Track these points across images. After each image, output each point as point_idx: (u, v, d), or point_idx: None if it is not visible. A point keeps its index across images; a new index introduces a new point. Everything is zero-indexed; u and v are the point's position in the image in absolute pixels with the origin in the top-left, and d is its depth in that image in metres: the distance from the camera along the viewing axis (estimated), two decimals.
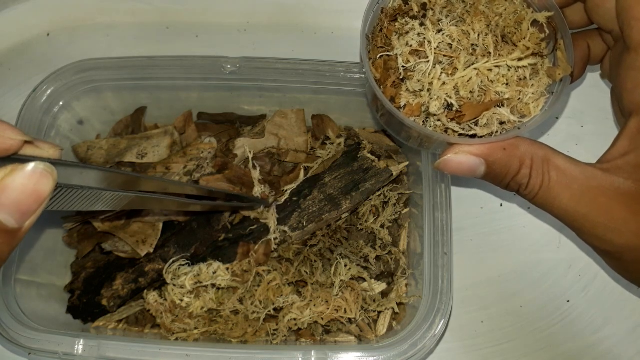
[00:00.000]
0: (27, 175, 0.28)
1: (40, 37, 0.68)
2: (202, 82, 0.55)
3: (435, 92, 0.38)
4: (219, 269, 0.52)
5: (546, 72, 0.39)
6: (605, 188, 0.38)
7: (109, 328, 0.53)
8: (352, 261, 0.52)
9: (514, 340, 0.54)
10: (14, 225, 0.28)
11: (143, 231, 0.53)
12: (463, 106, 0.38)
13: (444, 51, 0.38)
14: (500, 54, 0.38)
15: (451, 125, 0.39)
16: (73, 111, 0.56)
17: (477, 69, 0.37)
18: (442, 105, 0.38)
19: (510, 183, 0.40)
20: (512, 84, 0.38)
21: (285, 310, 0.50)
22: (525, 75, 0.39)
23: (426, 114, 0.39)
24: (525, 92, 0.38)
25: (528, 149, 0.39)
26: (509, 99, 0.38)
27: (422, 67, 0.38)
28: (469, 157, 0.39)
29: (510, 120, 0.38)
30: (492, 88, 0.38)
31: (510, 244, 0.58)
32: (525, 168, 0.38)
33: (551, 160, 0.38)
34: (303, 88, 0.55)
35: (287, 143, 0.58)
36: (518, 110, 0.39)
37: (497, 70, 0.38)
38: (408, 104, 0.39)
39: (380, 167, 0.54)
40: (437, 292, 0.45)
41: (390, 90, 0.39)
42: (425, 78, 0.38)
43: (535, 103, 0.39)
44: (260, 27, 0.68)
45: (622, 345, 0.54)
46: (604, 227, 0.38)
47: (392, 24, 0.40)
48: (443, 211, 0.48)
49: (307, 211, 0.52)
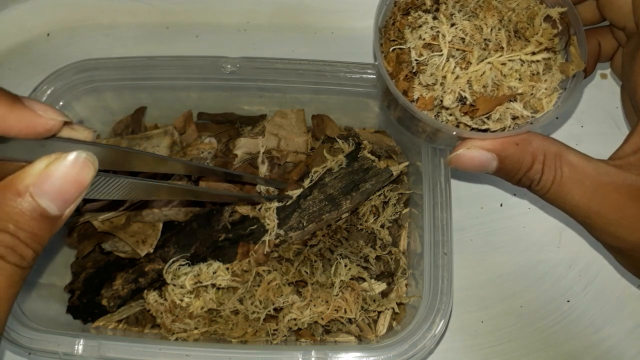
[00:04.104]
0: (70, 163, 0.28)
1: (40, 37, 0.68)
2: (202, 82, 0.55)
3: (448, 86, 0.37)
4: (219, 269, 0.52)
5: (559, 68, 0.39)
6: (618, 184, 0.37)
7: (109, 328, 0.53)
8: (352, 261, 0.52)
9: (514, 340, 0.54)
10: (56, 212, 0.29)
11: (143, 231, 0.53)
12: (476, 100, 0.37)
13: (456, 45, 0.37)
14: (513, 49, 0.37)
15: (464, 119, 0.38)
16: (73, 111, 0.56)
17: (490, 63, 0.37)
18: (455, 98, 0.37)
19: (522, 178, 0.39)
20: (525, 79, 0.38)
21: (285, 310, 0.50)
22: (538, 70, 0.38)
23: (439, 107, 0.39)
24: (538, 87, 0.38)
25: (541, 144, 0.38)
26: (522, 94, 0.38)
27: (435, 60, 0.38)
28: (481, 152, 0.38)
29: (523, 115, 0.38)
30: (505, 83, 0.37)
31: (510, 244, 0.58)
32: (537, 163, 0.38)
33: (564, 156, 0.38)
34: (303, 88, 0.55)
35: (287, 143, 0.58)
36: (531, 105, 0.39)
37: (510, 65, 0.37)
38: (421, 97, 0.38)
39: (380, 167, 0.54)
40: (437, 292, 0.45)
41: (403, 83, 0.39)
42: (439, 71, 0.37)
43: (548, 98, 0.38)
44: (260, 27, 0.68)
45: (622, 345, 0.54)
46: (616, 224, 0.38)
47: (405, 17, 0.40)
48: (443, 211, 0.48)
49: (307, 211, 0.52)
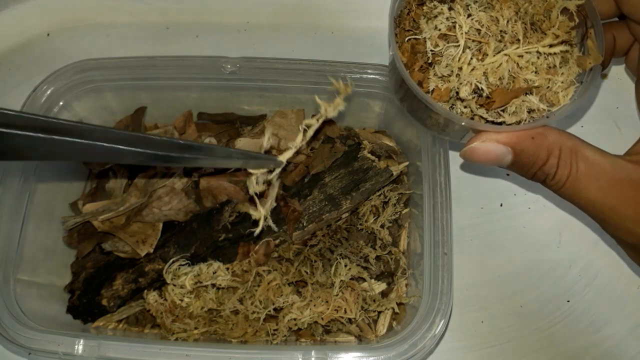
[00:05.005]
0: None
1: (40, 37, 0.68)
2: (202, 82, 0.55)
3: (464, 77, 0.37)
4: (219, 269, 0.52)
5: (576, 61, 0.39)
6: (634, 180, 0.37)
7: (109, 328, 0.53)
8: (352, 261, 0.52)
9: (514, 340, 0.54)
10: None
11: (143, 231, 0.53)
12: (493, 92, 0.37)
13: (472, 36, 0.37)
14: (530, 41, 0.37)
15: (480, 111, 0.38)
16: (73, 111, 0.56)
17: (507, 54, 0.36)
18: (471, 90, 0.37)
19: (537, 173, 0.39)
20: (542, 72, 0.37)
21: (285, 310, 0.50)
22: (555, 63, 0.38)
23: (454, 99, 0.38)
24: (555, 81, 0.38)
25: (556, 139, 0.38)
26: (538, 86, 0.37)
27: (451, 51, 0.37)
28: (496, 145, 0.38)
29: (539, 108, 0.38)
30: (521, 75, 0.37)
31: (510, 244, 0.58)
32: (553, 158, 0.38)
33: (580, 151, 0.37)
34: (303, 88, 0.55)
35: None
36: (547, 98, 0.38)
37: (527, 57, 0.37)
38: (437, 88, 0.38)
39: (380, 167, 0.54)
40: (437, 292, 0.45)
41: (418, 74, 0.39)
42: (455, 63, 0.37)
43: (564, 92, 0.38)
44: (260, 27, 0.68)
45: (622, 345, 0.54)
46: (632, 220, 0.37)
47: (420, 7, 0.39)
48: (443, 211, 0.48)
49: (307, 211, 0.52)
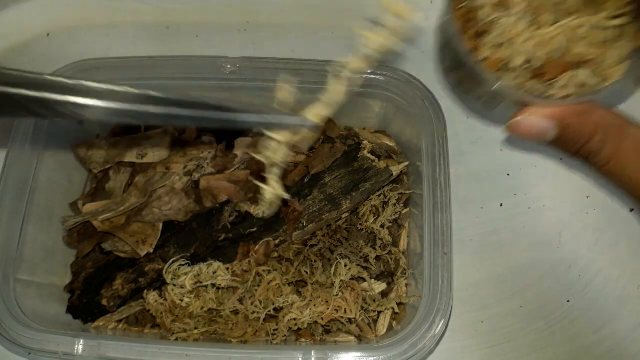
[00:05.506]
0: None
1: (40, 37, 0.68)
2: (202, 82, 0.55)
3: (517, 47, 0.36)
4: (219, 269, 0.52)
5: (632, 37, 0.37)
6: None
7: (109, 328, 0.53)
8: (352, 261, 0.52)
9: (514, 340, 0.54)
10: None
11: (143, 231, 0.53)
12: (545, 64, 0.36)
13: (526, 7, 0.37)
14: (586, 13, 0.36)
15: (530, 84, 0.37)
16: None
17: (562, 26, 0.36)
18: (524, 61, 0.37)
19: (581, 150, 0.38)
20: (595, 46, 0.36)
21: (285, 310, 0.50)
22: (609, 38, 0.37)
23: (503, 70, 0.38)
24: (608, 56, 0.37)
25: (603, 116, 0.37)
26: (591, 60, 0.37)
27: (504, 20, 0.37)
28: (541, 119, 0.37)
29: (590, 83, 0.37)
30: (575, 48, 0.36)
31: (510, 244, 0.58)
32: (599, 135, 0.37)
33: (626, 129, 0.37)
34: (303, 88, 0.55)
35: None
36: (598, 73, 0.37)
37: (581, 30, 0.36)
38: (488, 57, 0.37)
39: (380, 167, 0.54)
40: (437, 292, 0.45)
41: (470, 42, 0.38)
42: (508, 32, 0.37)
43: (616, 67, 0.37)
44: (260, 27, 0.68)
45: (622, 345, 0.54)
46: None
47: None
48: (443, 211, 0.48)
49: (307, 211, 0.52)
